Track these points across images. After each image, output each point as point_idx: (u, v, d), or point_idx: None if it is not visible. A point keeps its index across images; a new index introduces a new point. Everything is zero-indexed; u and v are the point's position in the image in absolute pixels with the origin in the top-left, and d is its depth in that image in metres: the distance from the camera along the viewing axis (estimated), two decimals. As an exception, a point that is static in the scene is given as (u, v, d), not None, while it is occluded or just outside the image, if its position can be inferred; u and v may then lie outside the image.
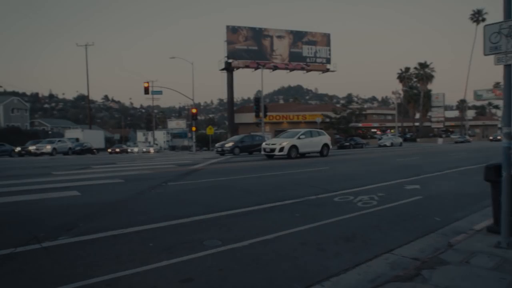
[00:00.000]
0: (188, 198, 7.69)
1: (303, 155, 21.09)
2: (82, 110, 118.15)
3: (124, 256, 4.02)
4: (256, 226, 5.25)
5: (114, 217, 5.97)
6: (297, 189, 8.72)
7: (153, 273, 3.55)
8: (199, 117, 42.32)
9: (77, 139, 46.51)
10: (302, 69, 50.78)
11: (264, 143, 21.74)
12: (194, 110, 36.18)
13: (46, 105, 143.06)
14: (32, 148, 36.34)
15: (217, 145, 28.72)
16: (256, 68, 46.77)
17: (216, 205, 6.84)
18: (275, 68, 49.22)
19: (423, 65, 70.01)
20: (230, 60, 46.61)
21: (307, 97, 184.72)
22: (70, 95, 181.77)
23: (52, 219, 5.78)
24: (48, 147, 36.25)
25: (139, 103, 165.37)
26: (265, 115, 33.84)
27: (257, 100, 35.14)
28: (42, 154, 35.28)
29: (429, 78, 70.26)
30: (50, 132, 60.21)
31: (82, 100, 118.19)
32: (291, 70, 50.61)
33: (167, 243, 4.44)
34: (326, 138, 22.19)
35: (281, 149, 19.59)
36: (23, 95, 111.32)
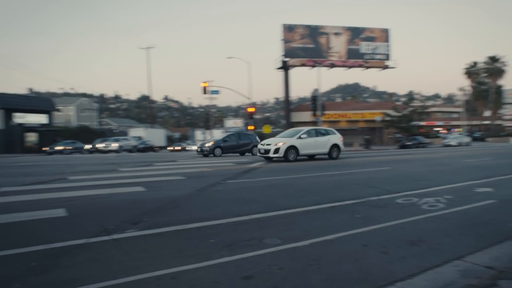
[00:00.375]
0: (246, 196, 7.78)
1: (312, 157, 19.16)
2: (144, 110, 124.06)
3: (186, 251, 4.15)
4: (315, 226, 5.18)
5: (177, 212, 6.19)
6: (356, 189, 8.50)
7: (215, 269, 3.62)
8: (255, 116, 42.74)
9: (140, 137, 48.95)
10: (360, 66, 49.54)
11: (259, 143, 19.52)
12: (251, 109, 36.56)
13: (111, 105, 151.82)
14: (100, 145, 38.92)
15: (198, 144, 25.91)
16: (313, 66, 46.39)
17: (274, 203, 6.86)
18: (332, 65, 48.47)
19: (494, 59, 65.35)
20: (286, 59, 46.65)
21: (365, 95, 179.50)
22: (134, 95, 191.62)
23: (120, 212, 6.11)
24: (115, 145, 38.65)
25: (198, 102, 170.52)
26: (322, 114, 33.35)
27: (313, 98, 34.75)
28: (109, 151, 37.65)
29: (500, 73, 65.50)
30: (116, 131, 63.88)
31: (144, 100, 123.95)
32: (349, 67, 49.57)
33: (228, 240, 4.52)
34: (336, 138, 19.38)
35: (276, 150, 17.24)
36: (91, 96, 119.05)
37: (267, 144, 17.90)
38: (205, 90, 36.37)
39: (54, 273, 3.51)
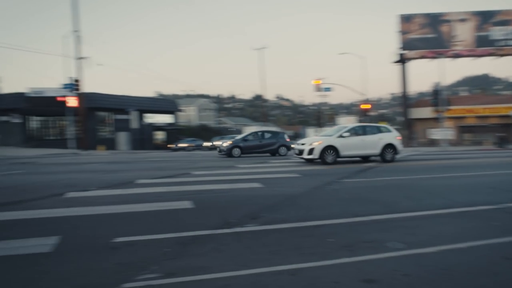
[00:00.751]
0: (364, 195, 7.51)
1: (366, 159, 16.53)
2: (257, 109, 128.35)
3: (304, 248, 4.16)
4: (443, 232, 4.75)
5: (294, 210, 6.26)
6: (491, 194, 7.58)
7: (334, 269, 3.56)
8: (369, 113, 41.21)
9: (253, 136, 50.99)
10: (491, 55, 43.99)
11: (296, 143, 17.45)
12: (366, 106, 35.33)
13: (227, 105, 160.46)
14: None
15: (217, 144, 23.79)
16: (434, 58, 42.66)
17: (394, 205, 6.49)
18: (456, 56, 43.97)
19: None
20: (403, 51, 43.85)
21: (496, 87, 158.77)
22: (248, 95, 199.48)
23: (239, 207, 6.42)
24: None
25: (309, 100, 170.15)
26: (446, 109, 30.54)
27: (435, 92, 32.06)
28: (226, 148, 40.12)
29: None
30: (232, 129, 67.57)
31: (258, 99, 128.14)
32: (477, 57, 44.39)
33: (346, 240, 4.40)
34: (390, 137, 16.13)
35: (311, 151, 14.99)
36: (209, 97, 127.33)
37: (302, 144, 15.99)
38: (317, 88, 36.29)
39: (184, 260, 3.83)
